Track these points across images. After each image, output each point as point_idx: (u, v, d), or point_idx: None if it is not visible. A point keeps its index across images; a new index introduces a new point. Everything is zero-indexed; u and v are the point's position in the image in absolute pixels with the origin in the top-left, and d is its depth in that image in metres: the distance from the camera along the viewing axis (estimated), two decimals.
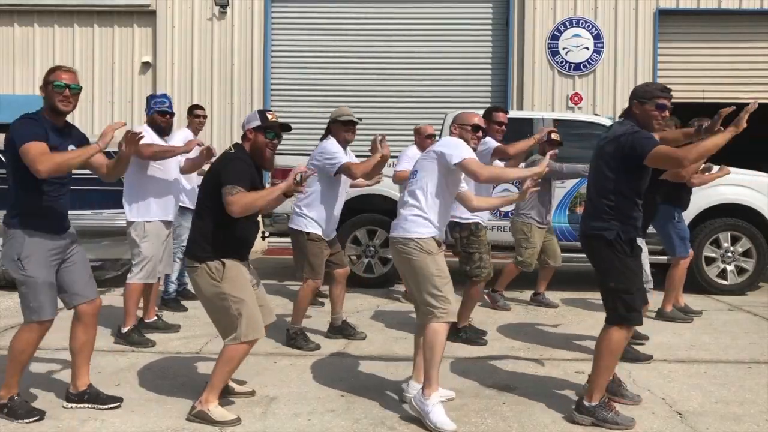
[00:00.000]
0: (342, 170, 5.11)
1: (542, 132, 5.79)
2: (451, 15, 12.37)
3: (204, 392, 3.67)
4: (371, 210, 7.90)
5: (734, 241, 7.70)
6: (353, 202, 7.26)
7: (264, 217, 8.11)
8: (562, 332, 5.91)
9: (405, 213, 3.83)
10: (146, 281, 5.34)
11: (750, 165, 7.78)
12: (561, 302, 7.22)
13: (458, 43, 12.36)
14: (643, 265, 4.88)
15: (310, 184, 5.17)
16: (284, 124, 3.88)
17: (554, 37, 11.95)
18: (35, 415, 3.64)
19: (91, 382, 3.92)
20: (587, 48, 11.91)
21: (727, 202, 7.72)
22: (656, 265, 7.92)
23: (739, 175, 7.64)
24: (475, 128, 4.00)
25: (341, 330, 5.58)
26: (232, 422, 3.59)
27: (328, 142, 5.23)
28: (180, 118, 11.01)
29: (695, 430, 3.64)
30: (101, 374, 4.47)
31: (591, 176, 3.85)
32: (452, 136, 3.99)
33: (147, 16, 12.41)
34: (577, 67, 11.95)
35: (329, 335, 5.58)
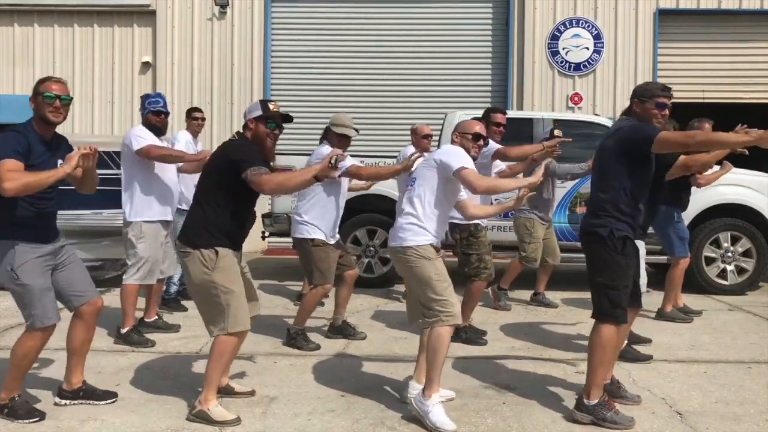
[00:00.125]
0: (347, 173, 5.15)
1: (552, 142, 5.67)
2: (451, 15, 12.35)
3: (202, 392, 3.67)
4: (371, 210, 7.91)
5: (734, 241, 7.71)
6: (353, 202, 7.26)
7: (264, 217, 8.12)
8: (562, 332, 5.91)
9: (402, 221, 3.84)
10: (142, 282, 5.33)
11: (750, 165, 7.77)
12: (561, 302, 7.22)
13: (458, 43, 12.34)
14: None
15: (310, 190, 5.22)
16: (286, 115, 3.87)
17: (554, 37, 11.94)
18: (36, 415, 3.64)
19: (86, 381, 3.92)
20: (587, 48, 11.90)
21: (727, 202, 7.73)
22: (656, 265, 7.94)
23: (739, 175, 7.64)
24: (476, 137, 3.99)
25: (341, 330, 5.58)
26: (232, 422, 3.59)
27: (325, 148, 5.29)
28: (180, 119, 10.97)
29: (695, 430, 3.64)
30: (101, 374, 4.47)
31: (593, 174, 3.89)
32: (453, 144, 3.99)
33: (147, 16, 12.40)
34: (577, 67, 11.94)
35: (329, 335, 5.59)
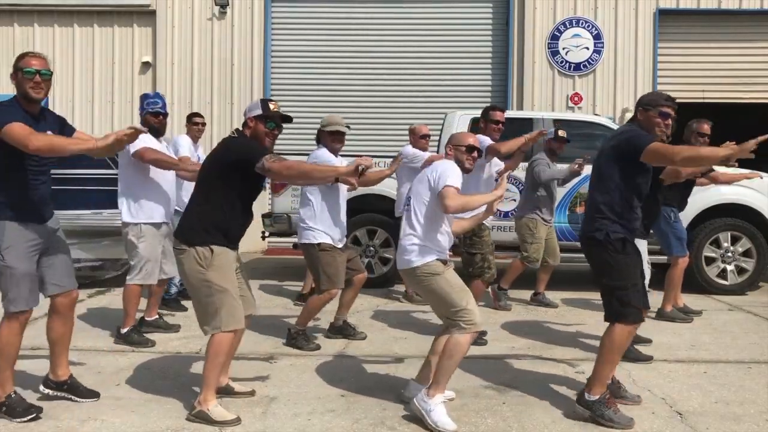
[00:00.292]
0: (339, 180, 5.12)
1: (534, 133, 5.70)
2: (451, 15, 12.35)
3: (201, 392, 3.67)
4: (371, 210, 7.91)
5: (734, 241, 7.71)
6: (353, 202, 7.24)
7: (264, 217, 8.12)
8: (562, 332, 5.91)
9: (404, 243, 3.84)
10: (145, 282, 5.33)
11: (750, 165, 7.75)
12: (561, 302, 7.22)
13: (458, 43, 12.34)
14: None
15: (310, 196, 5.24)
16: (285, 115, 3.87)
17: (554, 37, 11.94)
18: (32, 412, 3.63)
19: (73, 374, 3.95)
20: (587, 48, 11.90)
21: (727, 202, 7.73)
22: (656, 265, 7.93)
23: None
24: (469, 149, 3.97)
25: (341, 330, 5.58)
26: (232, 422, 3.59)
27: (320, 151, 5.30)
28: (179, 119, 10.98)
29: (695, 430, 3.64)
30: (101, 374, 4.47)
31: (592, 176, 3.95)
32: (447, 157, 3.99)
33: (147, 16, 12.40)
34: (577, 67, 11.94)
35: (329, 335, 5.59)
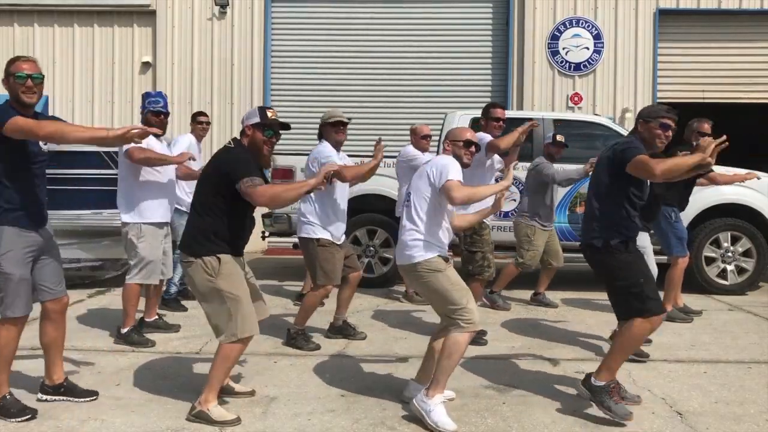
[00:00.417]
0: (334, 174, 5.12)
1: (525, 125, 5.60)
2: (451, 15, 12.35)
3: (203, 392, 3.67)
4: (371, 210, 7.90)
5: (734, 241, 7.71)
6: (353, 202, 7.24)
7: (264, 217, 8.11)
8: (562, 332, 5.90)
9: (405, 239, 3.83)
10: (145, 282, 5.33)
11: (750, 165, 7.77)
12: (561, 302, 7.22)
13: (458, 43, 12.34)
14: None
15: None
16: (283, 123, 3.85)
17: (554, 37, 11.94)
18: (28, 413, 3.63)
19: (68, 377, 3.95)
20: (587, 48, 11.90)
21: (727, 202, 7.73)
22: (656, 265, 7.91)
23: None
24: (467, 143, 3.96)
25: (341, 330, 5.58)
26: (232, 422, 3.59)
27: (322, 146, 5.28)
28: (179, 119, 10.98)
29: (695, 430, 3.64)
30: (101, 374, 4.47)
31: (590, 182, 3.99)
32: (445, 153, 3.98)
33: (147, 16, 12.39)
34: (577, 67, 11.94)
35: (329, 335, 5.58)
